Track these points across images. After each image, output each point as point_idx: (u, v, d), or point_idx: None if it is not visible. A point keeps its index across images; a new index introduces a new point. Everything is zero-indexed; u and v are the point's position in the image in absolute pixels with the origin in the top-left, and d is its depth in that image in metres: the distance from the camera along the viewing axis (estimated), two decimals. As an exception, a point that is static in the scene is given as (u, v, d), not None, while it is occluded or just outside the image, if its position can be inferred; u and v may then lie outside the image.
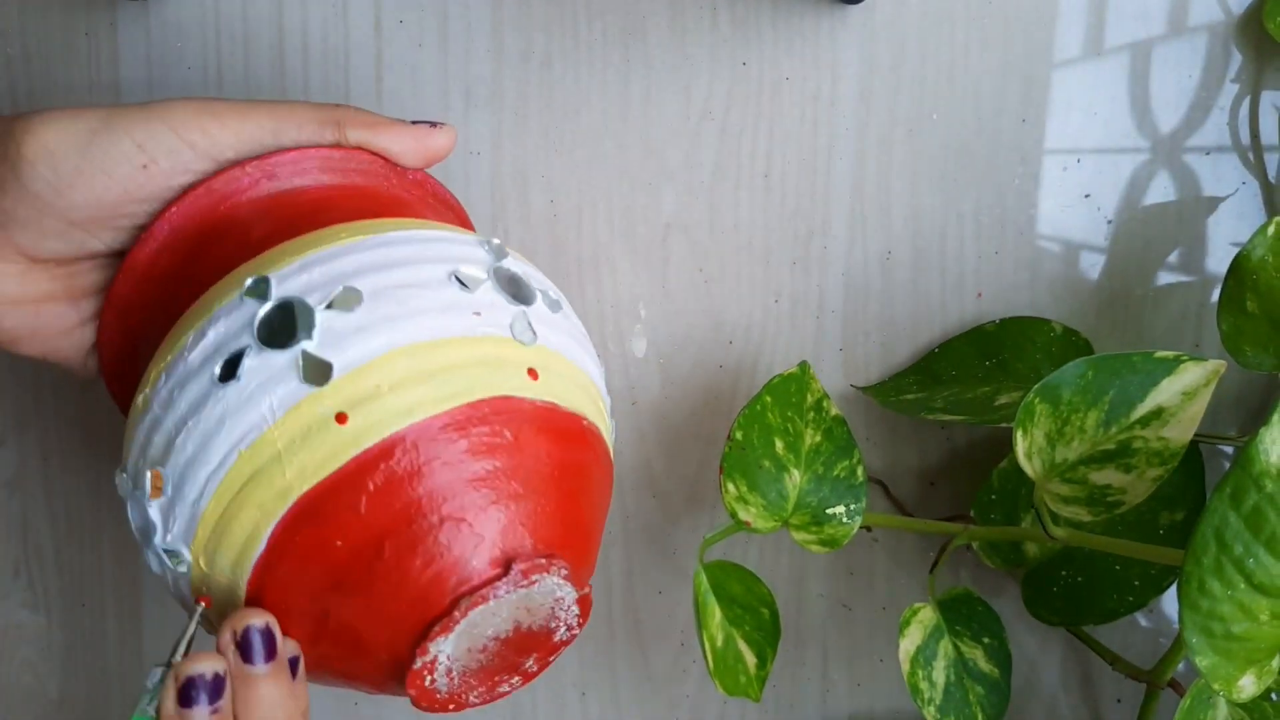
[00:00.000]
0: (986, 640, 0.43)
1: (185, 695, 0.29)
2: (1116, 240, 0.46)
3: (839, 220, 0.46)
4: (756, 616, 0.42)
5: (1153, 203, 0.46)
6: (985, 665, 0.43)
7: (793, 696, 0.49)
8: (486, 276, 0.32)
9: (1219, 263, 0.46)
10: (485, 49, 0.44)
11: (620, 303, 0.46)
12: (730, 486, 0.40)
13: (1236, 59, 0.45)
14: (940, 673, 0.42)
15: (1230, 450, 0.46)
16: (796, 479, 0.41)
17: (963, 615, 0.44)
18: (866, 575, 0.48)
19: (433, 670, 0.31)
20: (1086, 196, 0.46)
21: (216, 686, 0.29)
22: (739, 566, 0.42)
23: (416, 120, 0.37)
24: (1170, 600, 0.47)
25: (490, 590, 0.30)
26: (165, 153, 0.33)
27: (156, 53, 0.44)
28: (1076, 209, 0.46)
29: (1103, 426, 0.37)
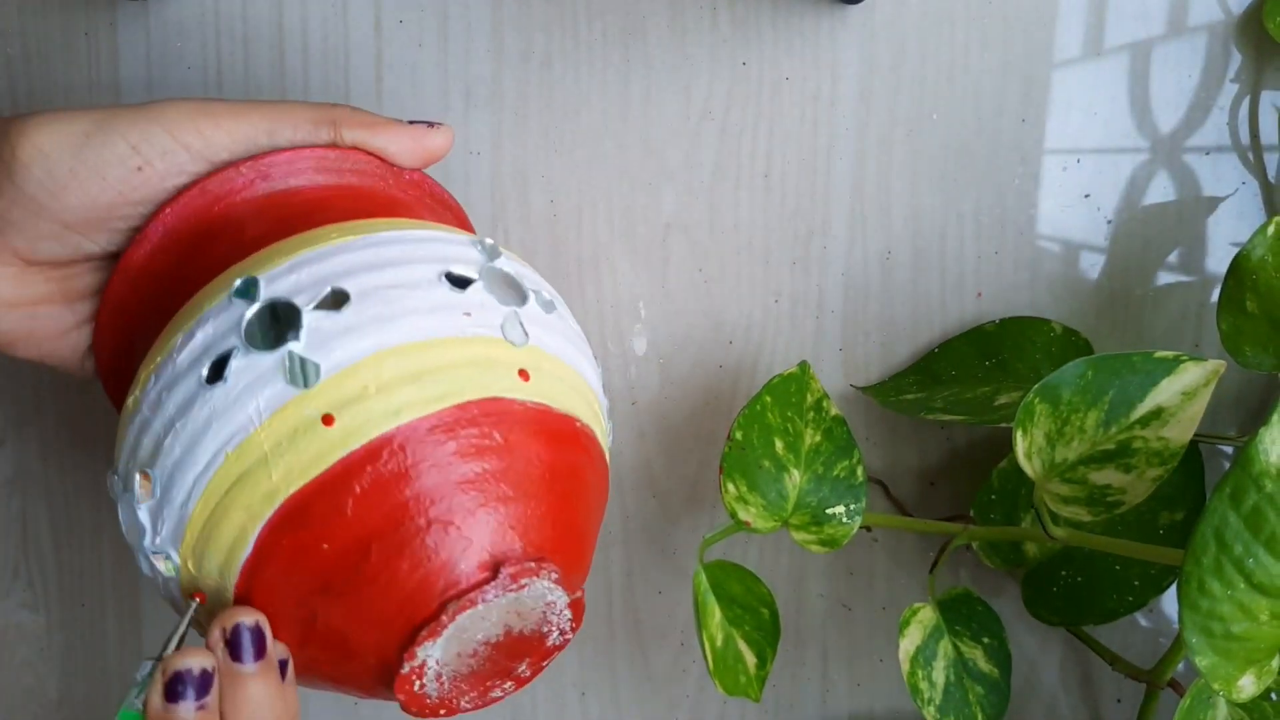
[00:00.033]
0: (986, 640, 0.43)
1: (172, 690, 0.29)
2: (1116, 240, 0.46)
3: (839, 220, 0.46)
4: (756, 616, 0.42)
5: (1152, 203, 0.46)
6: (985, 665, 0.43)
7: (793, 696, 0.49)
8: (477, 276, 0.32)
9: (1219, 263, 0.46)
10: (485, 49, 0.44)
11: (620, 303, 0.46)
12: (730, 486, 0.40)
13: (1236, 59, 0.45)
14: (940, 673, 0.42)
15: (1230, 450, 0.46)
16: (796, 479, 0.41)
17: (962, 615, 0.44)
18: (866, 575, 0.48)
19: (421, 675, 0.30)
20: (1086, 196, 0.46)
21: (204, 682, 0.29)
22: (739, 566, 0.42)
23: (414, 120, 0.37)
24: (1170, 600, 0.47)
25: (478, 594, 0.29)
26: (160, 154, 0.33)
27: (156, 53, 0.44)
28: (1076, 209, 0.46)
29: (1102, 426, 0.37)
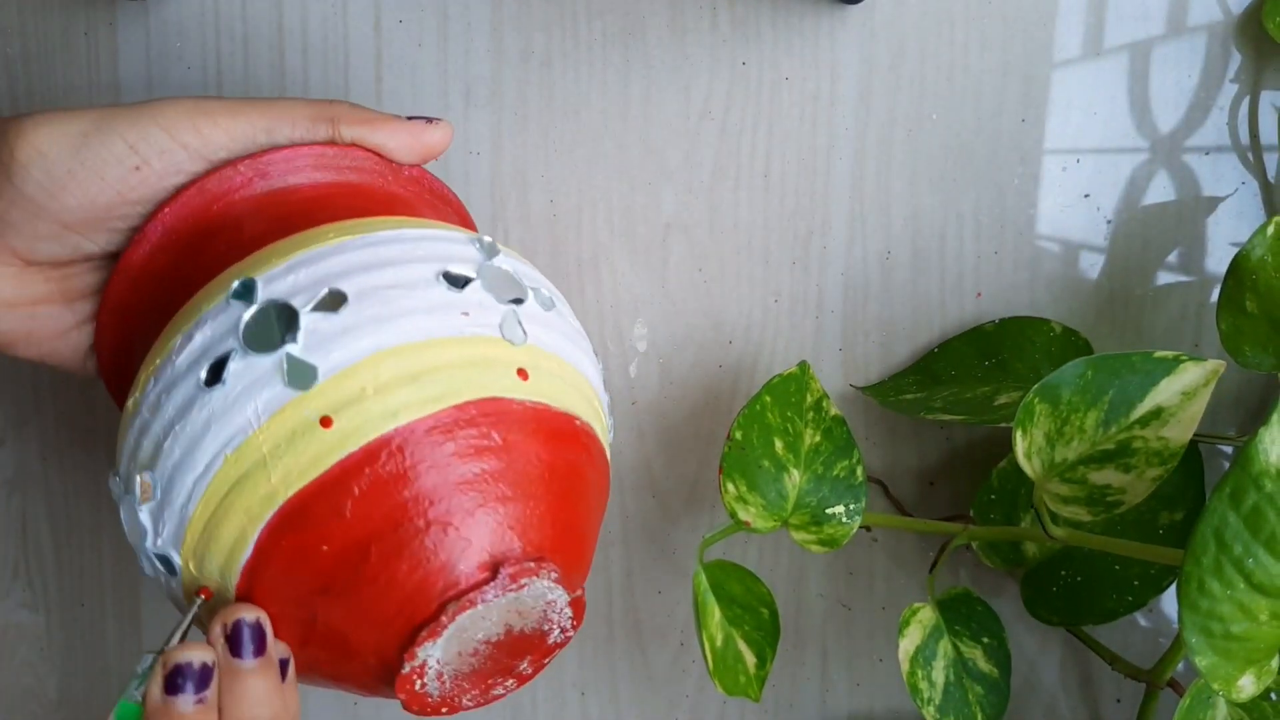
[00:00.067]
0: (986, 640, 0.43)
1: (172, 683, 0.29)
2: (1116, 240, 0.46)
3: (839, 220, 0.46)
4: (756, 616, 0.42)
5: (1152, 203, 0.46)
6: (985, 665, 0.43)
7: (792, 696, 0.49)
8: (476, 275, 0.32)
9: (1218, 263, 0.46)
10: (485, 48, 0.44)
11: (620, 302, 0.46)
12: (730, 486, 0.40)
13: (1236, 59, 0.45)
14: (940, 672, 0.42)
15: (1230, 450, 0.46)
16: (796, 479, 0.41)
17: (962, 615, 0.44)
18: (866, 575, 0.48)
19: (422, 674, 0.30)
20: (1086, 196, 0.46)
21: (204, 676, 0.29)
22: (738, 566, 0.42)
23: (412, 116, 0.37)
24: (1170, 600, 0.47)
25: (478, 594, 0.30)
26: (158, 154, 0.33)
27: (156, 52, 0.44)
28: (1076, 209, 0.46)
29: (1102, 426, 0.37)
